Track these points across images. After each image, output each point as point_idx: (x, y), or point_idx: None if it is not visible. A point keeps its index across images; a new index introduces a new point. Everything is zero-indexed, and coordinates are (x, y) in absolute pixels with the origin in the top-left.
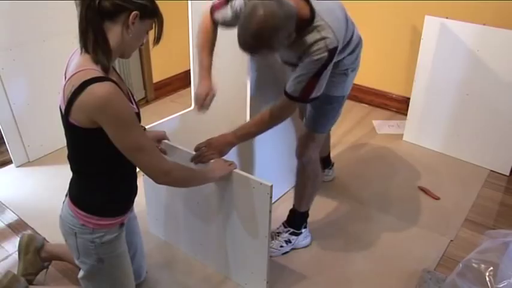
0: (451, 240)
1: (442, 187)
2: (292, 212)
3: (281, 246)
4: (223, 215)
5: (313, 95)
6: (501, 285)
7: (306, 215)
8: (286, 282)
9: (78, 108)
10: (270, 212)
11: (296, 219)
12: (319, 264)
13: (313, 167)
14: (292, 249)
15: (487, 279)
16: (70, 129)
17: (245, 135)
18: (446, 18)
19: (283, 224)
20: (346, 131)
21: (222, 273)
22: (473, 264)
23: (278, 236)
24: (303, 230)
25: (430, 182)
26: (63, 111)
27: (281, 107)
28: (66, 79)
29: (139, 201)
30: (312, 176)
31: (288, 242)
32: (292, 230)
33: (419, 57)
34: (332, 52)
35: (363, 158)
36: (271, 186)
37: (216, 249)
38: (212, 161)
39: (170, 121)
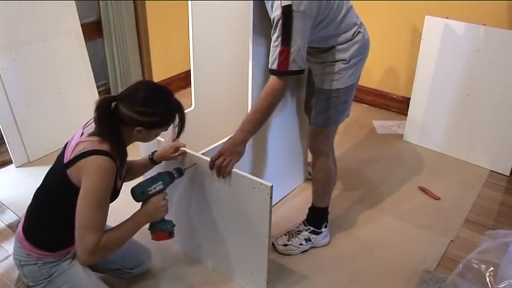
0: (451, 241)
1: (442, 187)
2: (311, 209)
3: (300, 244)
4: (223, 215)
5: (293, 66)
6: (501, 286)
7: (325, 212)
8: (286, 282)
9: (77, 169)
10: (270, 212)
11: (315, 217)
12: (319, 264)
13: (324, 160)
14: (311, 247)
15: (487, 279)
16: (61, 177)
17: (252, 126)
18: (447, 18)
19: (303, 222)
20: (347, 131)
21: (222, 273)
22: (474, 265)
23: (298, 234)
24: (323, 230)
25: (430, 182)
26: (64, 161)
27: (270, 85)
28: (80, 139)
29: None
30: (323, 170)
31: (307, 240)
32: (312, 228)
33: (420, 57)
34: (285, 10)
35: (363, 158)
36: (271, 186)
37: (216, 249)
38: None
39: None
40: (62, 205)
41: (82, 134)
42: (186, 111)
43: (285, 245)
